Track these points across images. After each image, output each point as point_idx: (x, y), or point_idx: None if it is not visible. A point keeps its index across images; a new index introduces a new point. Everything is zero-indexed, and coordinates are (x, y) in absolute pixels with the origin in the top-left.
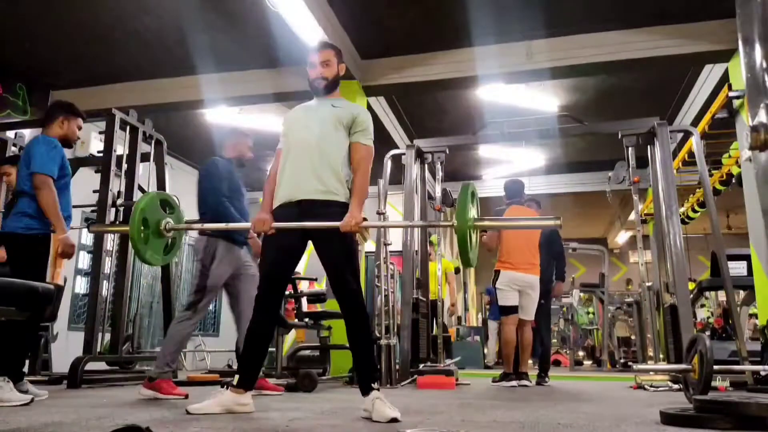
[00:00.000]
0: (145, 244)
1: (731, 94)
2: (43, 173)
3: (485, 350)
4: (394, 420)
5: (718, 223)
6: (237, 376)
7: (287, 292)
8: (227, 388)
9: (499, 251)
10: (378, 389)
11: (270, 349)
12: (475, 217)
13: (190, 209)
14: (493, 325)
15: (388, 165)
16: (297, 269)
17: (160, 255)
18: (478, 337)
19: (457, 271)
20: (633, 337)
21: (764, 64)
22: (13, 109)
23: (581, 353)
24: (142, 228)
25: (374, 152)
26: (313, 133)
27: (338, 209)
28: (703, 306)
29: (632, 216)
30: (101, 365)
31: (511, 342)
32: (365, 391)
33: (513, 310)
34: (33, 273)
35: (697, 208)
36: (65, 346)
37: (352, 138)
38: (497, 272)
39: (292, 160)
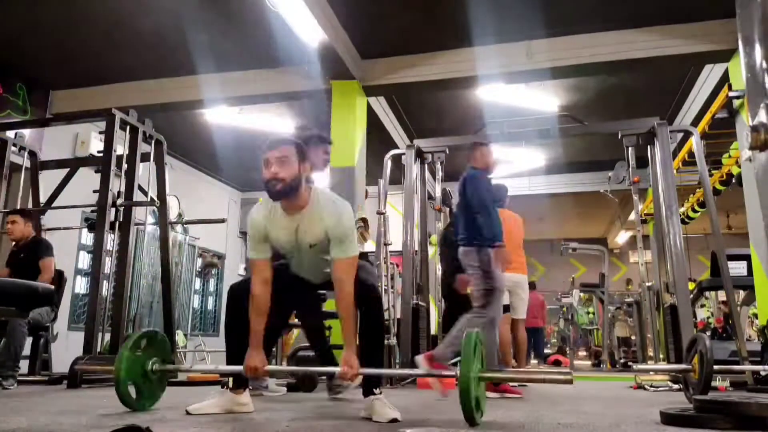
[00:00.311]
0: (142, 400)
1: (731, 94)
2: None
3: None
4: (394, 420)
5: (718, 223)
6: (231, 378)
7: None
8: (226, 388)
9: None
10: (380, 391)
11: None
12: (480, 368)
13: (190, 209)
14: None
15: (388, 165)
16: None
17: (153, 398)
18: None
19: None
20: (633, 337)
21: (764, 64)
22: (13, 109)
23: (582, 353)
24: (129, 382)
25: (357, 260)
26: (303, 261)
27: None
28: (703, 306)
29: (632, 216)
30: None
31: (506, 342)
32: (367, 392)
33: (505, 309)
34: None
35: (697, 208)
36: (65, 346)
37: (330, 253)
38: None
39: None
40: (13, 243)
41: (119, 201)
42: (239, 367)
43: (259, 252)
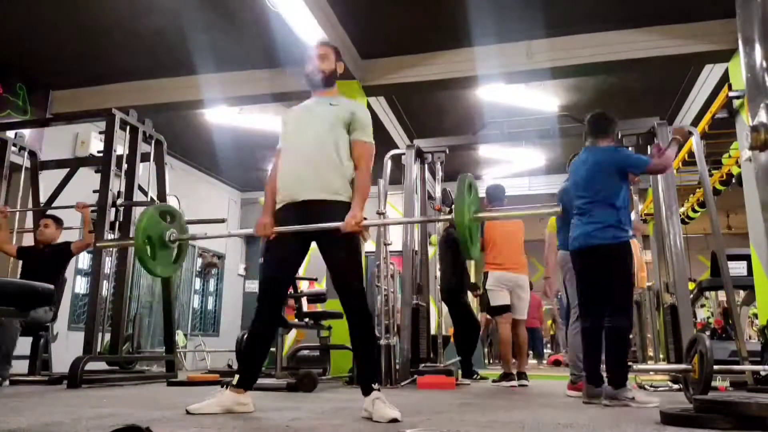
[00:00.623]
0: (154, 261)
1: (731, 94)
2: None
3: (485, 350)
4: (394, 420)
5: (718, 223)
6: (237, 376)
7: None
8: (227, 388)
9: (487, 253)
10: (379, 389)
11: (270, 349)
12: (474, 209)
13: (190, 209)
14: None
15: (388, 165)
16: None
17: (170, 266)
18: None
19: None
20: (632, 336)
21: (764, 64)
22: (13, 109)
23: None
24: (148, 246)
25: (374, 151)
26: (313, 132)
27: (341, 209)
28: (703, 306)
29: (632, 216)
30: (101, 365)
31: (507, 341)
32: (366, 391)
33: (506, 309)
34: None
35: (697, 208)
36: (65, 346)
37: (351, 136)
38: (486, 274)
39: (292, 160)
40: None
41: (119, 201)
42: (249, 230)
43: (281, 143)
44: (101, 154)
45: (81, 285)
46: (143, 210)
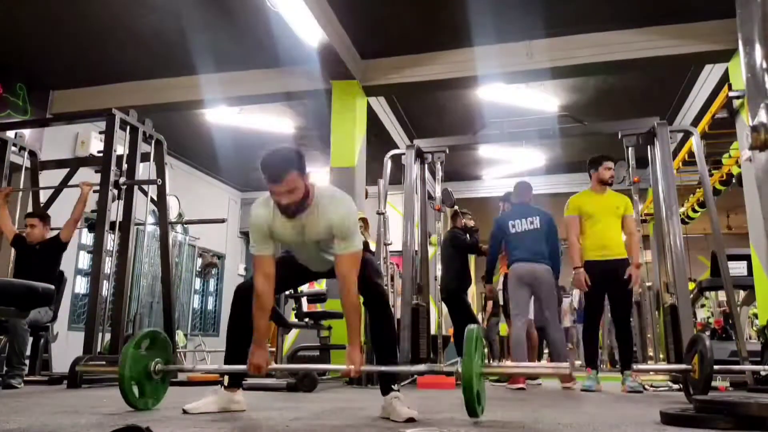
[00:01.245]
0: (138, 399)
1: (731, 94)
2: None
3: (484, 350)
4: (410, 420)
5: (718, 223)
6: (226, 377)
7: (287, 292)
8: (222, 387)
9: (507, 255)
10: (398, 390)
11: (270, 349)
12: (481, 364)
13: (190, 209)
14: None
15: (388, 165)
16: None
17: (149, 398)
18: None
19: None
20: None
21: (764, 64)
22: (13, 109)
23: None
24: (135, 386)
25: (364, 223)
26: (302, 248)
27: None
28: (703, 306)
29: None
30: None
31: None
32: (385, 390)
33: None
34: None
35: (697, 208)
36: (65, 346)
37: (334, 249)
38: (507, 275)
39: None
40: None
41: (121, 180)
42: (242, 367)
43: (261, 249)
44: (101, 154)
45: (81, 285)
46: (127, 342)
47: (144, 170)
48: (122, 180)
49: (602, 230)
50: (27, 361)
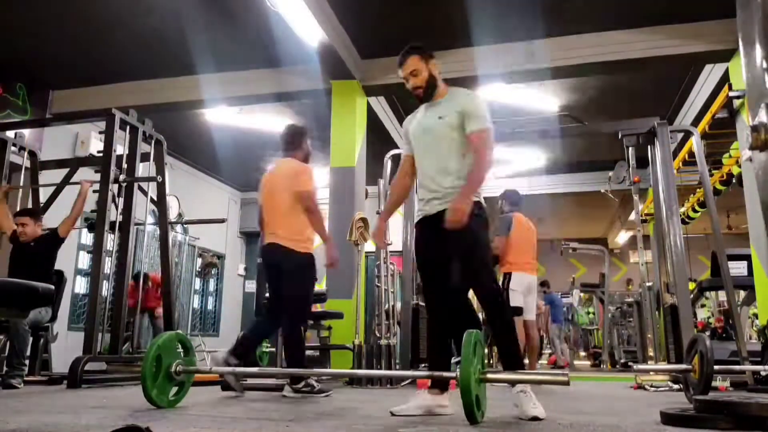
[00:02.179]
0: (153, 382)
1: (731, 94)
2: None
3: (485, 350)
4: (534, 419)
5: (719, 223)
6: (429, 381)
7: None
8: (425, 389)
9: (507, 253)
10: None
11: (270, 349)
12: (481, 369)
13: (190, 209)
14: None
15: (388, 165)
16: None
17: (165, 397)
18: None
19: None
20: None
21: (764, 64)
22: (13, 109)
23: (582, 353)
24: (155, 366)
25: (489, 134)
26: (429, 148)
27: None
28: (703, 306)
29: (632, 216)
30: (101, 365)
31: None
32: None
33: (519, 311)
34: None
35: (697, 208)
36: (65, 346)
37: (465, 130)
38: (508, 275)
39: (421, 181)
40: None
41: (121, 177)
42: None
43: (405, 148)
44: (101, 154)
45: (81, 285)
46: (165, 331)
47: (144, 170)
48: (122, 177)
49: None
50: (27, 362)
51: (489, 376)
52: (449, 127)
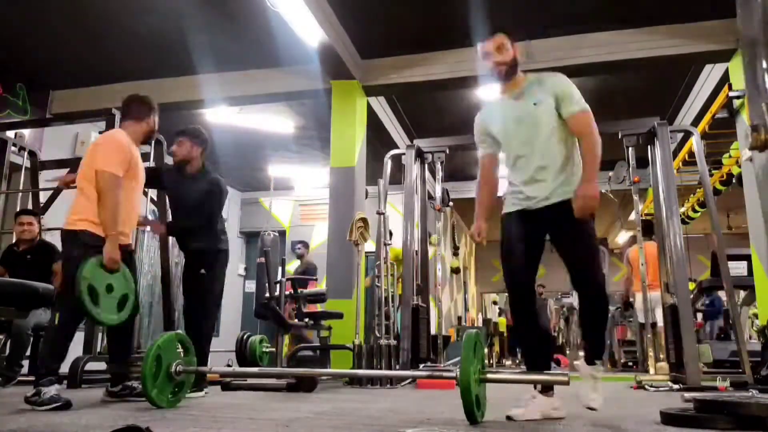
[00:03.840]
0: (153, 382)
1: (731, 94)
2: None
3: (485, 350)
4: (590, 409)
5: (719, 223)
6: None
7: (287, 293)
8: (538, 391)
9: None
10: (596, 364)
11: (270, 349)
12: (481, 368)
13: None
14: None
15: (388, 165)
16: (290, 269)
17: (165, 396)
18: None
19: (456, 271)
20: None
21: (764, 64)
22: (13, 109)
23: (582, 353)
24: (155, 366)
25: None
26: (527, 138)
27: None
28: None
29: (632, 216)
30: (101, 365)
31: None
32: (588, 360)
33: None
34: None
35: (697, 208)
36: None
37: (563, 114)
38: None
39: (517, 174)
40: (15, 243)
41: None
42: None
43: (483, 147)
44: None
45: None
46: (165, 332)
47: None
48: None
49: None
50: (23, 363)
51: (489, 376)
52: (547, 112)
